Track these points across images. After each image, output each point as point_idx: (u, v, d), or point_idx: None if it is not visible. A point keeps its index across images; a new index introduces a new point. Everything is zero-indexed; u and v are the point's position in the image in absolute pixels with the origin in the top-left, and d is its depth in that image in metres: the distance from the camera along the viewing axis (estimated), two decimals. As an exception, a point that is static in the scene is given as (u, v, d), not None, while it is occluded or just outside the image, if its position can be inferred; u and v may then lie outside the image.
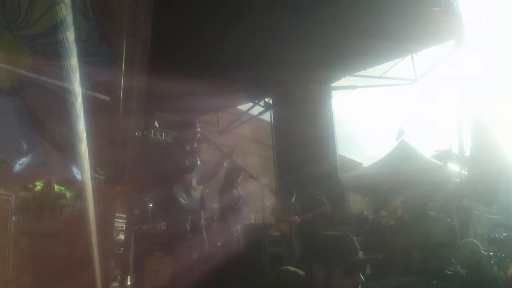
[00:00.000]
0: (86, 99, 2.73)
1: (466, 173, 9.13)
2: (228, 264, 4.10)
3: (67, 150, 2.79)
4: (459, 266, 5.01)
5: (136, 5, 2.77)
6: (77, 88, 2.64)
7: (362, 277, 1.91)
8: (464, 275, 4.68)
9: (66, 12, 2.62)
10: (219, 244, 6.54)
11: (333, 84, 10.86)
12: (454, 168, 10.08)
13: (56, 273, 3.75)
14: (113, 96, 2.87)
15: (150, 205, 6.32)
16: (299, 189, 7.35)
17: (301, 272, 2.09)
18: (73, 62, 2.67)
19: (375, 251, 6.00)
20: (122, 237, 4.22)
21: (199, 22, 7.05)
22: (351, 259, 1.90)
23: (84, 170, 2.62)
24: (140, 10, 2.76)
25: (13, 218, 3.60)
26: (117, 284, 3.47)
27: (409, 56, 10.68)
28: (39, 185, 4.07)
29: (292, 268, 2.15)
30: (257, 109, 12.30)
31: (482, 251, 5.19)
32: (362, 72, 10.98)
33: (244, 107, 12.69)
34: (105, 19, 2.91)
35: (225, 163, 5.45)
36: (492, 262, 5.18)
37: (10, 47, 2.70)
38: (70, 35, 2.64)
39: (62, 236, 3.93)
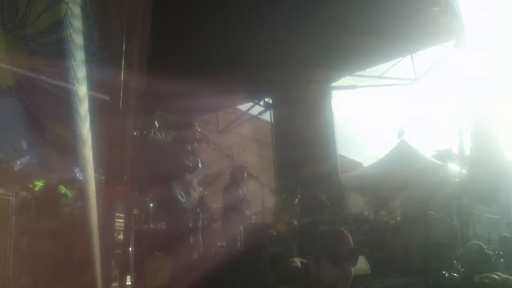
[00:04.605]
0: (85, 99, 2.73)
1: (466, 172, 9.13)
2: (227, 264, 4.10)
3: (67, 150, 2.79)
4: (462, 269, 5.00)
5: (135, 4, 2.76)
6: (76, 87, 2.65)
7: (351, 269, 2.10)
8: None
9: (65, 12, 2.62)
10: (221, 243, 6.55)
11: (333, 84, 10.86)
12: (454, 168, 10.07)
13: (57, 273, 3.75)
14: (113, 96, 2.87)
15: (151, 205, 6.32)
16: (300, 189, 7.34)
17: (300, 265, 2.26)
18: (72, 61, 2.68)
19: (375, 251, 5.99)
20: (123, 237, 4.21)
21: (199, 21, 7.05)
22: (337, 250, 2.07)
23: (84, 170, 2.62)
24: (140, 10, 2.76)
25: (14, 218, 3.60)
26: (117, 284, 3.47)
27: (409, 56, 10.69)
28: (39, 185, 4.07)
29: (298, 260, 2.30)
30: (257, 109, 12.30)
31: (486, 251, 5.19)
32: (362, 72, 10.99)
33: (244, 106, 12.71)
34: (104, 18, 2.92)
35: (227, 172, 5.50)
36: (502, 261, 5.20)
37: (8, 47, 2.70)
38: (69, 35, 2.65)
39: (63, 236, 3.93)
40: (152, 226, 6.18)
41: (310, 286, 2.11)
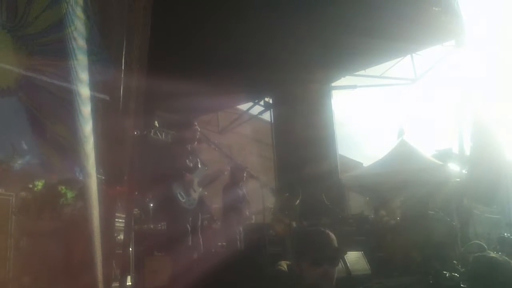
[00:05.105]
0: (86, 99, 2.72)
1: (466, 172, 9.13)
2: (227, 264, 4.10)
3: (67, 150, 2.79)
4: (463, 269, 5.00)
5: (135, 4, 2.76)
6: (76, 87, 2.64)
7: (332, 270, 2.13)
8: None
9: (65, 12, 2.62)
10: (221, 243, 6.54)
11: (333, 84, 10.86)
12: (454, 167, 10.07)
13: (57, 273, 3.75)
14: (113, 96, 2.87)
15: (151, 205, 6.33)
16: (300, 189, 7.33)
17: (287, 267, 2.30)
18: (72, 61, 2.67)
19: (375, 251, 5.99)
20: (123, 237, 4.21)
21: (199, 21, 7.05)
22: (317, 251, 2.12)
23: (84, 170, 2.62)
24: (140, 10, 2.75)
25: (14, 218, 3.59)
26: (118, 284, 3.47)
27: (409, 56, 10.69)
28: (39, 185, 4.06)
29: (285, 263, 2.33)
30: (257, 109, 12.31)
31: (488, 252, 5.20)
32: (362, 72, 10.98)
33: (244, 106, 12.71)
34: (105, 18, 2.91)
35: (226, 172, 5.50)
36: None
37: (7, 47, 2.69)
38: (69, 35, 2.64)
39: (63, 236, 3.93)
40: (152, 226, 6.19)
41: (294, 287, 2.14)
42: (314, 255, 2.12)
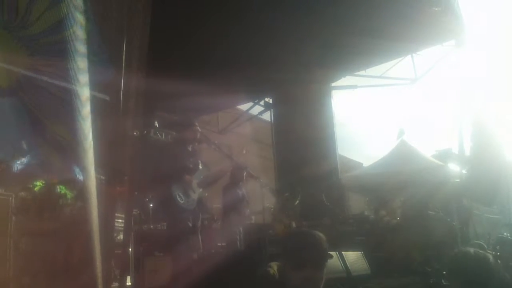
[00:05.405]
0: (86, 99, 2.73)
1: (466, 173, 9.12)
2: (227, 264, 4.10)
3: (67, 150, 2.79)
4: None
5: (135, 4, 2.76)
6: (76, 88, 2.65)
7: (317, 272, 2.05)
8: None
9: (66, 12, 2.62)
10: (221, 243, 6.54)
11: (333, 84, 10.86)
12: (454, 168, 10.06)
13: (57, 273, 3.75)
14: (113, 96, 2.87)
15: (151, 205, 6.33)
16: (300, 190, 7.33)
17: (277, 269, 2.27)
18: (73, 61, 2.68)
19: (375, 251, 5.99)
20: (122, 237, 4.22)
21: (199, 21, 7.05)
22: (299, 254, 2.07)
23: (84, 170, 2.62)
24: (139, 10, 2.76)
25: (13, 218, 3.60)
26: (117, 284, 3.47)
27: (409, 56, 10.68)
28: (39, 185, 4.07)
29: (275, 265, 2.30)
30: (257, 109, 12.31)
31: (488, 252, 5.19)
32: (362, 72, 10.98)
33: (244, 106, 12.71)
34: (105, 18, 2.91)
35: (227, 172, 5.51)
36: (499, 262, 5.18)
37: (8, 48, 2.70)
38: (70, 35, 2.64)
39: (63, 236, 3.93)
40: (152, 226, 6.19)
41: None
42: (297, 257, 2.08)
